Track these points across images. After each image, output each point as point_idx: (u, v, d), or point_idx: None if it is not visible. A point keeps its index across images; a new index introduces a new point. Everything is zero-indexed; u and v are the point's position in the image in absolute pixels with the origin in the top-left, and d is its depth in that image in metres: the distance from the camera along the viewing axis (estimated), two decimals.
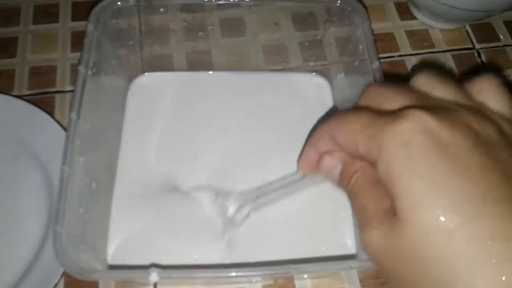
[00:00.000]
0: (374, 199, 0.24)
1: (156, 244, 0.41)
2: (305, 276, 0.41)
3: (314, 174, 0.31)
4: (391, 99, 0.24)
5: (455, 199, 0.20)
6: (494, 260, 0.19)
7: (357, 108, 0.26)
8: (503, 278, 0.19)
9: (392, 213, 0.22)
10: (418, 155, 0.21)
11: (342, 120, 0.26)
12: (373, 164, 0.23)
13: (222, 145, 0.46)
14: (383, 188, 0.23)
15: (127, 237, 0.41)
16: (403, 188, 0.21)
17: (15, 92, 0.49)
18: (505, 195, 0.20)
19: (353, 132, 0.24)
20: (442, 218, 0.20)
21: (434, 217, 0.20)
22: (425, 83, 0.25)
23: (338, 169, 0.27)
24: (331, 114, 0.26)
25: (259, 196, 0.39)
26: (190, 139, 0.46)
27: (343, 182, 0.27)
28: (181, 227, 0.42)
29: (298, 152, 0.46)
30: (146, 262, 0.38)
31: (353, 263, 0.35)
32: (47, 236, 0.41)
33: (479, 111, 0.23)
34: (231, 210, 0.40)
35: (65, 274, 0.39)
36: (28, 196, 0.43)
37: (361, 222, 0.24)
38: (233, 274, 0.32)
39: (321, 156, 0.28)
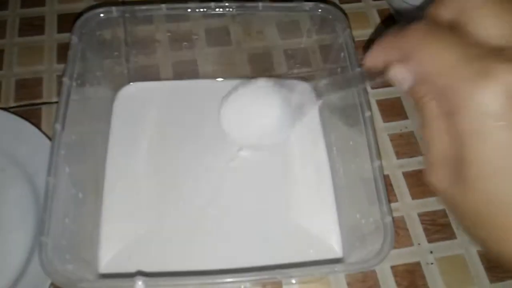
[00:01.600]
0: (442, 141, 0.23)
1: (146, 252, 0.41)
2: (293, 281, 0.41)
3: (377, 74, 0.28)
4: (485, 19, 0.22)
5: None
6: None
7: (443, 29, 0.23)
8: None
9: (459, 165, 0.22)
10: (497, 129, 0.20)
11: (427, 43, 0.23)
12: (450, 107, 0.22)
13: (208, 152, 0.46)
14: (453, 129, 0.22)
15: (118, 246, 0.41)
16: (473, 158, 0.21)
17: (1, 105, 0.49)
18: None
19: (434, 68, 0.22)
20: (508, 197, 0.20)
21: (500, 194, 0.21)
22: None
23: (408, 83, 0.24)
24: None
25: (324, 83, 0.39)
26: (177, 148, 0.47)
27: (413, 97, 0.25)
28: (171, 235, 0.42)
29: (284, 158, 0.46)
30: (139, 269, 0.38)
31: (338, 267, 0.35)
32: (34, 246, 0.41)
33: None
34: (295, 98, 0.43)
35: (53, 285, 0.39)
36: (15, 207, 0.43)
37: (430, 159, 0.23)
38: (221, 280, 0.32)
39: (391, 63, 0.25)
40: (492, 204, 0.21)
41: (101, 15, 0.42)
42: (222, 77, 0.51)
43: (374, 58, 0.26)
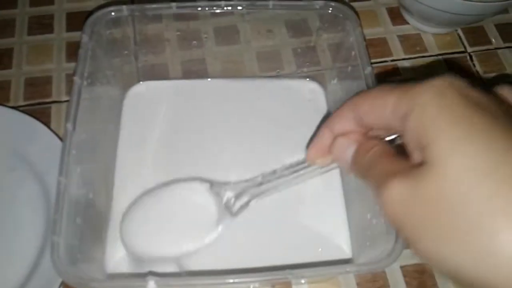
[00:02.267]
0: (395, 163, 0.24)
1: (159, 250, 0.41)
2: (303, 281, 0.41)
3: (321, 161, 0.32)
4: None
5: (484, 145, 0.20)
6: None
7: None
8: None
9: (417, 166, 0.22)
10: (449, 105, 0.22)
11: (366, 92, 0.27)
12: (399, 128, 0.24)
13: (218, 152, 0.46)
14: (401, 157, 0.24)
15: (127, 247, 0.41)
16: (435, 134, 0.22)
17: (11, 103, 0.50)
18: None
19: (383, 94, 0.25)
20: (471, 163, 0.20)
21: (464, 162, 0.20)
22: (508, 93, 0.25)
23: (351, 150, 0.28)
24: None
25: (262, 183, 0.37)
26: (186, 147, 0.47)
27: (358, 158, 0.27)
28: (180, 236, 0.42)
29: (293, 156, 0.46)
30: (146, 270, 0.38)
31: (349, 267, 0.35)
32: (45, 246, 0.41)
33: None
34: (228, 196, 0.38)
35: (63, 284, 0.39)
36: (25, 206, 0.43)
37: (380, 183, 0.24)
38: (231, 280, 0.32)
39: (334, 139, 0.29)
40: (447, 198, 0.21)
41: (112, 13, 0.42)
42: (231, 76, 0.51)
43: (318, 145, 0.31)
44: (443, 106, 0.22)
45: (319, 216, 0.43)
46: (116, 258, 0.41)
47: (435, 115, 0.22)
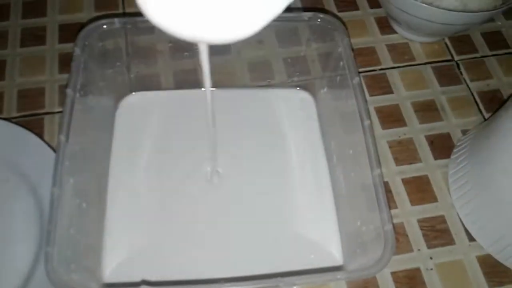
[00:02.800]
0: None
1: (149, 261, 0.41)
2: None
3: None
4: None
5: None
6: None
7: None
8: None
9: None
10: None
11: None
12: None
13: (210, 161, 0.47)
14: None
15: (122, 256, 0.41)
16: None
17: (4, 115, 0.50)
18: None
19: None
20: None
21: None
22: None
23: None
24: None
25: None
26: (178, 156, 0.47)
27: None
28: (173, 244, 0.42)
29: (284, 162, 0.47)
30: (150, 277, 0.39)
31: (340, 275, 0.36)
32: (39, 256, 0.41)
33: None
34: None
35: None
36: (19, 217, 0.43)
37: None
38: None
39: None
40: None
41: (104, 26, 0.42)
42: (222, 86, 0.51)
43: None
44: None
45: (310, 223, 0.44)
46: (111, 267, 0.41)
47: None
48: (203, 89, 0.51)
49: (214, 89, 0.51)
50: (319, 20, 0.44)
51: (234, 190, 0.45)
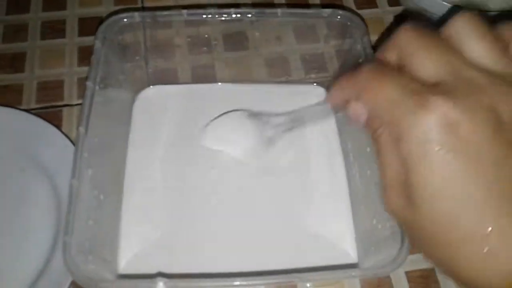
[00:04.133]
0: (394, 164, 0.25)
1: (165, 254, 0.42)
2: (308, 285, 0.42)
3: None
4: (423, 62, 0.24)
5: (464, 199, 0.22)
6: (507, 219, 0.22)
7: (387, 69, 0.26)
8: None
9: (408, 189, 0.24)
10: (435, 153, 0.22)
11: (372, 82, 0.25)
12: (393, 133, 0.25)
13: (225, 155, 0.47)
14: (400, 155, 0.24)
15: (137, 247, 0.42)
16: (417, 180, 0.23)
17: (23, 106, 0.50)
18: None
19: (379, 103, 0.25)
20: (451, 215, 0.22)
21: (444, 213, 0.23)
22: (460, 31, 0.24)
23: (364, 117, 0.27)
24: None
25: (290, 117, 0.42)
26: (194, 150, 0.47)
27: (369, 130, 0.28)
28: (189, 237, 0.43)
29: (301, 160, 0.47)
30: (157, 271, 0.39)
31: (355, 272, 0.36)
32: (55, 246, 0.42)
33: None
34: (267, 129, 0.44)
35: (73, 284, 0.40)
36: (36, 207, 0.44)
37: (384, 184, 0.26)
38: (237, 282, 0.33)
39: (349, 100, 0.28)
40: (437, 223, 0.23)
41: (124, 20, 0.43)
42: (239, 82, 0.52)
43: (335, 97, 0.30)
44: (425, 157, 0.23)
45: (326, 220, 0.44)
46: (127, 259, 0.41)
47: (415, 163, 0.23)
48: (219, 83, 0.51)
49: (231, 84, 0.51)
50: (338, 17, 0.44)
51: (250, 186, 0.45)
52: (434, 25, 0.26)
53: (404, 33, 0.25)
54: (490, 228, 0.22)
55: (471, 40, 0.24)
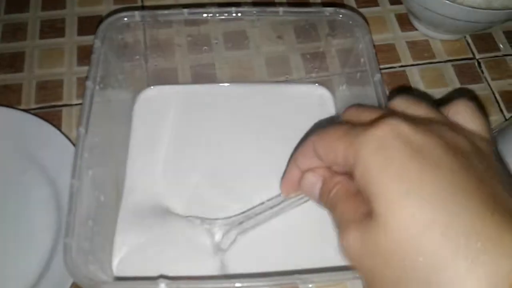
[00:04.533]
0: (353, 207, 0.25)
1: (158, 258, 0.41)
2: (310, 286, 0.41)
3: (296, 195, 0.33)
4: (369, 112, 0.26)
5: (428, 197, 0.21)
6: (469, 259, 0.20)
7: (337, 123, 0.27)
8: (478, 276, 0.19)
9: (369, 216, 0.23)
10: (391, 158, 0.22)
11: (322, 133, 0.27)
12: (351, 172, 0.25)
13: (226, 156, 0.47)
14: (362, 197, 0.24)
15: (130, 250, 0.41)
16: (377, 190, 0.22)
17: (22, 106, 0.50)
18: (476, 194, 0.21)
19: (332, 141, 0.26)
20: (416, 216, 0.21)
21: (409, 215, 0.21)
22: (401, 103, 0.27)
23: (318, 186, 0.29)
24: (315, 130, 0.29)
25: (243, 221, 0.41)
26: (195, 150, 0.47)
27: (323, 196, 0.28)
28: (183, 241, 0.42)
29: None
30: (149, 274, 0.38)
31: (357, 273, 0.35)
32: (56, 247, 0.41)
33: (453, 126, 0.25)
34: (218, 236, 0.41)
35: (73, 285, 0.40)
36: (37, 208, 0.43)
37: (340, 228, 0.25)
38: (239, 284, 0.32)
39: (303, 174, 0.29)
40: (402, 243, 0.21)
41: (124, 19, 0.42)
42: (240, 81, 0.51)
43: (287, 182, 0.32)
44: (384, 160, 0.22)
45: (328, 220, 0.43)
46: (122, 261, 0.41)
47: (376, 170, 0.23)
48: (220, 84, 0.51)
49: (232, 84, 0.51)
50: (340, 16, 0.44)
51: (249, 185, 0.45)
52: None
53: (353, 106, 0.29)
54: (463, 266, 0.20)
55: (412, 107, 0.26)
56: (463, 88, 0.54)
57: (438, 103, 0.28)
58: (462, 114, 0.26)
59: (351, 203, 0.25)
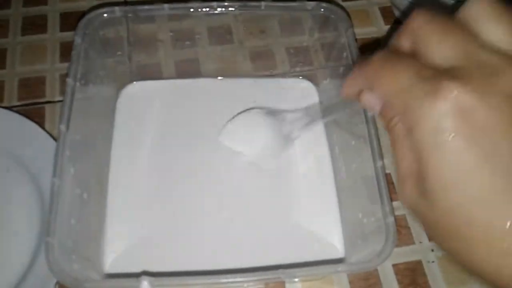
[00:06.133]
0: (408, 157, 0.24)
1: (151, 252, 0.41)
2: (296, 280, 0.41)
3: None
4: (437, 46, 0.23)
5: (481, 190, 0.21)
6: None
7: (399, 56, 0.25)
8: None
9: (422, 180, 0.23)
10: (448, 142, 0.21)
11: (384, 70, 0.25)
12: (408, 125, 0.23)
13: (211, 150, 0.47)
14: (414, 145, 0.23)
15: (122, 246, 0.41)
16: (430, 171, 0.22)
17: (4, 104, 0.50)
18: None
19: (392, 91, 0.24)
20: (467, 208, 0.22)
21: (459, 205, 0.22)
22: (476, 14, 0.23)
23: (378, 107, 0.26)
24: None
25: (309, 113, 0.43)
26: (180, 146, 0.47)
27: (383, 120, 0.27)
28: (175, 235, 0.42)
29: (287, 155, 0.47)
30: (143, 269, 0.38)
31: (341, 267, 0.36)
32: (40, 246, 0.41)
33: None
34: (285, 126, 0.45)
35: (58, 284, 0.39)
36: (20, 206, 0.43)
37: (398, 176, 0.25)
38: (224, 280, 0.33)
39: (362, 90, 0.27)
40: (453, 216, 0.22)
41: (104, 15, 0.42)
42: (224, 76, 0.51)
43: (348, 89, 0.29)
44: (438, 146, 0.22)
45: (312, 214, 0.44)
46: (112, 258, 0.41)
47: (428, 154, 0.22)
48: (204, 78, 0.51)
49: (215, 78, 0.51)
50: (322, 9, 0.44)
51: (235, 181, 0.45)
52: (448, 11, 0.25)
53: (417, 17, 0.24)
54: (509, 223, 0.21)
55: (487, 24, 0.23)
56: None
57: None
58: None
59: (407, 150, 0.24)
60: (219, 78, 0.51)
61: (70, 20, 0.55)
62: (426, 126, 0.22)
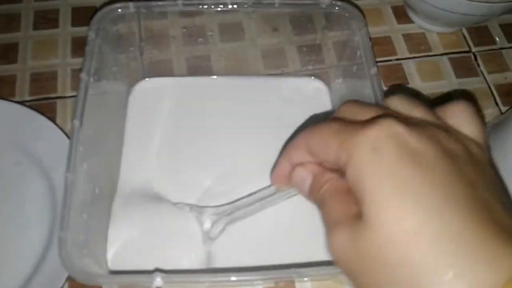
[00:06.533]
0: (342, 206, 0.24)
1: (152, 250, 0.41)
2: (305, 279, 0.41)
3: (287, 187, 0.32)
4: (364, 111, 0.25)
5: (419, 201, 0.21)
6: (455, 269, 0.19)
7: (331, 118, 0.27)
8: (467, 282, 0.19)
9: (358, 218, 0.22)
10: (385, 160, 0.22)
11: (316, 128, 0.26)
12: (343, 170, 0.24)
13: (222, 148, 0.47)
14: (352, 196, 0.23)
15: (124, 243, 0.41)
16: (369, 191, 0.22)
17: (16, 98, 0.50)
18: (468, 200, 0.21)
19: (325, 138, 0.25)
20: (406, 219, 0.20)
21: (399, 218, 0.21)
22: (398, 103, 0.26)
23: (309, 181, 0.28)
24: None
25: (232, 212, 0.40)
26: (190, 142, 0.47)
27: (313, 192, 0.28)
28: (174, 231, 0.42)
29: None
30: (144, 267, 0.38)
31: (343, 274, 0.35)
32: (51, 240, 0.41)
33: (448, 130, 0.24)
34: (206, 224, 0.41)
35: (69, 279, 0.39)
36: (31, 201, 0.43)
37: (328, 226, 0.25)
38: (235, 278, 0.32)
39: (293, 168, 0.29)
40: (389, 248, 0.21)
41: (118, 10, 0.42)
42: (235, 73, 0.51)
43: (279, 173, 0.30)
44: (377, 162, 0.22)
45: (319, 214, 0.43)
46: (116, 254, 0.41)
47: (368, 171, 0.22)
48: (215, 76, 0.51)
49: (227, 76, 0.51)
50: (337, 8, 0.43)
51: (246, 180, 0.45)
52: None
53: (348, 102, 0.27)
54: (450, 275, 0.19)
55: (408, 108, 0.25)
56: (460, 89, 0.54)
57: (434, 104, 0.27)
58: (459, 117, 0.25)
59: (340, 202, 0.25)
60: (230, 76, 0.51)
61: (82, 15, 0.55)
62: (364, 147, 0.22)
